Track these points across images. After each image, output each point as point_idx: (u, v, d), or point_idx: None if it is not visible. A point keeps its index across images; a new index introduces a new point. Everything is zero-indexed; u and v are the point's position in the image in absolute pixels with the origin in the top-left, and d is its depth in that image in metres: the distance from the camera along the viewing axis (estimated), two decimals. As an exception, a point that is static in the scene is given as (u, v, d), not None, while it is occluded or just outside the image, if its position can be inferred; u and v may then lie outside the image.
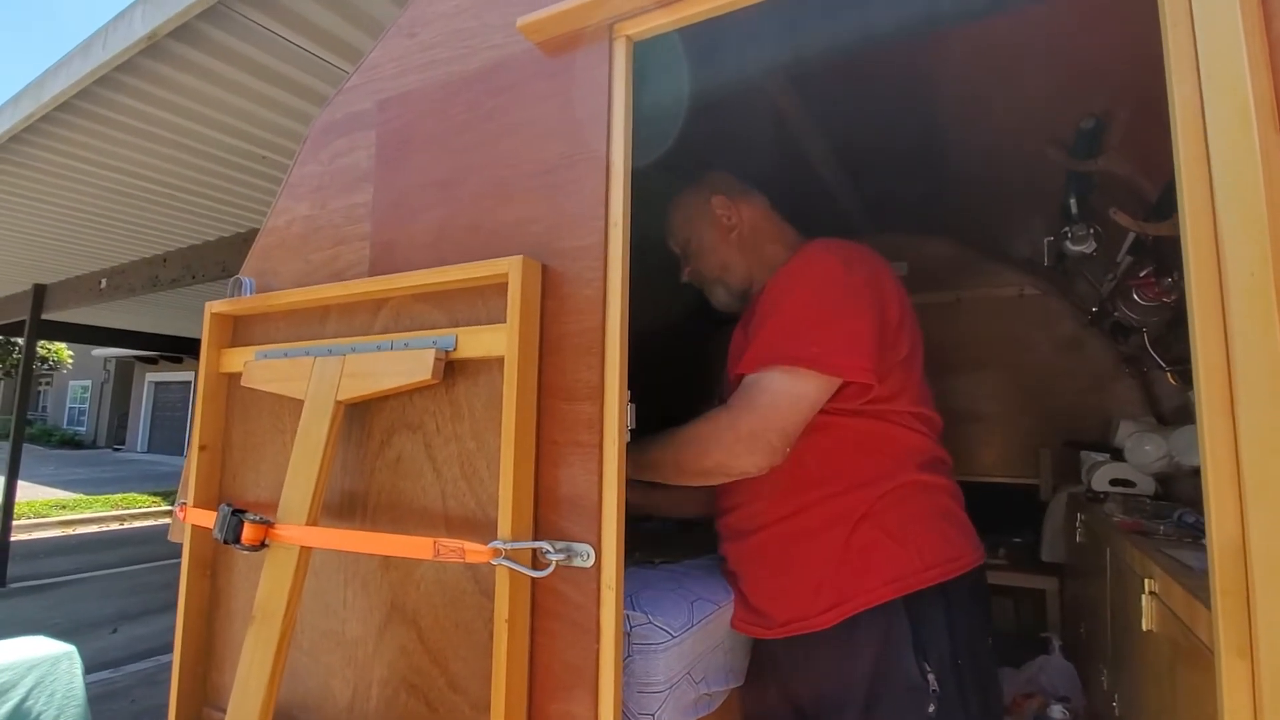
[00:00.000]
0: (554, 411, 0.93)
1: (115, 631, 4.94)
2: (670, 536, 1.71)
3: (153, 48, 2.37)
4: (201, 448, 1.26)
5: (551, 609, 0.89)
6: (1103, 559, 1.52)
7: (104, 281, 5.72)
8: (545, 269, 0.95)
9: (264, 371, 1.17)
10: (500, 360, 0.93)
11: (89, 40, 2.65)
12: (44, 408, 24.75)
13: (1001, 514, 2.73)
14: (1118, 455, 2.09)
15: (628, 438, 0.91)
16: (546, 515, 0.91)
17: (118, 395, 20.94)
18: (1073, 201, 1.70)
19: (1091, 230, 1.68)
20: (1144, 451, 1.86)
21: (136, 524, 9.29)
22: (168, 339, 9.09)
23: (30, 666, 0.78)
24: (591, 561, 0.87)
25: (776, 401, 1.07)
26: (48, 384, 24.71)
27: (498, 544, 0.87)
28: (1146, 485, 1.89)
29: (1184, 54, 0.61)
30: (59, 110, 2.97)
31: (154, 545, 7.83)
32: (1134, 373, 2.43)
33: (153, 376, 19.64)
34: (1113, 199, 1.54)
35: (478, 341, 0.97)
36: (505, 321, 0.92)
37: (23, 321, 6.43)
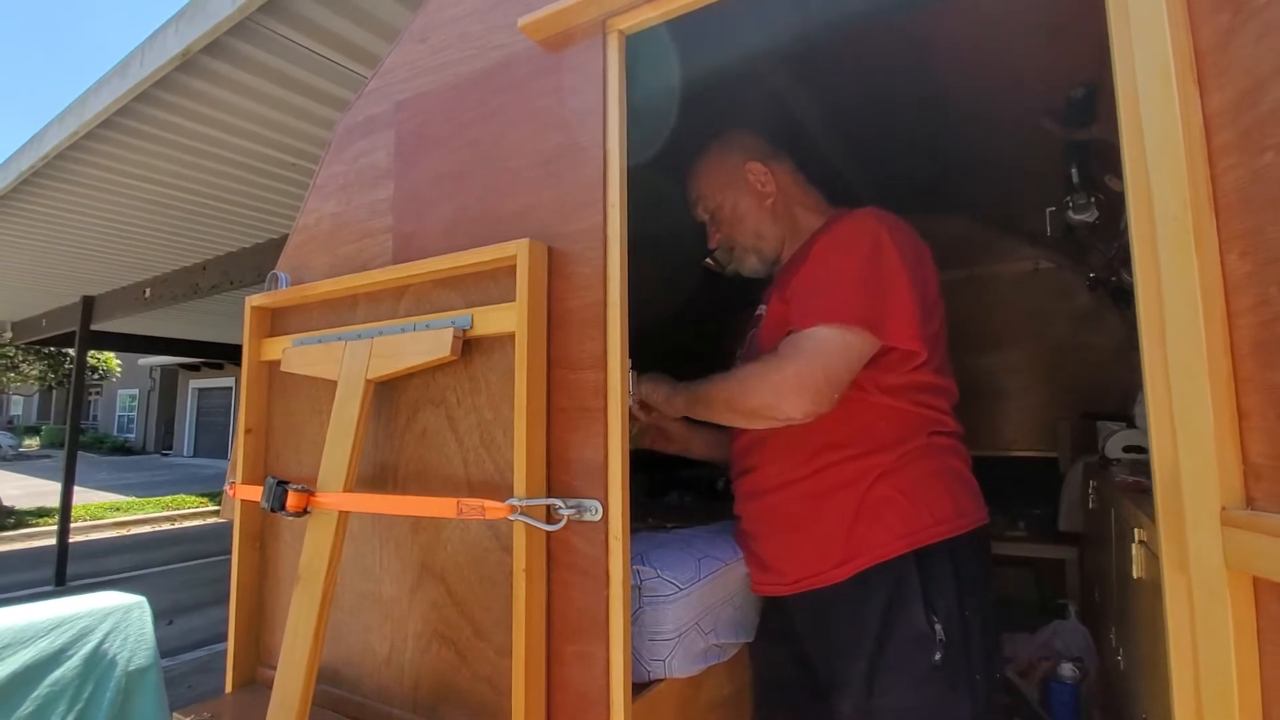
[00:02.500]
0: (562, 381, 1.01)
1: (170, 623, 5.20)
2: (687, 508, 1.79)
3: (187, 64, 2.51)
4: (247, 431, 1.37)
5: (565, 560, 0.98)
6: (1109, 520, 1.55)
7: (148, 291, 5.98)
8: (551, 250, 1.03)
9: (300, 357, 1.27)
10: (512, 336, 1.01)
11: (127, 59, 2.82)
12: (95, 416, 25.77)
13: (1022, 487, 2.74)
14: (1133, 424, 2.10)
15: (630, 403, 0.99)
16: (558, 475, 0.99)
17: (164, 402, 21.72)
18: (1073, 171, 1.72)
19: (1092, 199, 1.71)
20: (1155, 417, 1.87)
21: (187, 524, 9.69)
22: (209, 345, 9.43)
23: (106, 614, 0.89)
24: (599, 516, 0.95)
25: (823, 348, 1.09)
26: (98, 393, 25.70)
27: (514, 501, 0.95)
28: (1159, 450, 1.91)
29: (1120, 14, 0.67)
30: (101, 127, 3.14)
31: (204, 543, 8.17)
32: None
33: (196, 383, 20.32)
34: (1110, 166, 1.57)
35: (491, 319, 1.05)
36: (515, 300, 1.01)
37: (73, 332, 6.74)
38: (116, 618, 0.90)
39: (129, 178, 3.66)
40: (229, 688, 1.32)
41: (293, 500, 1.11)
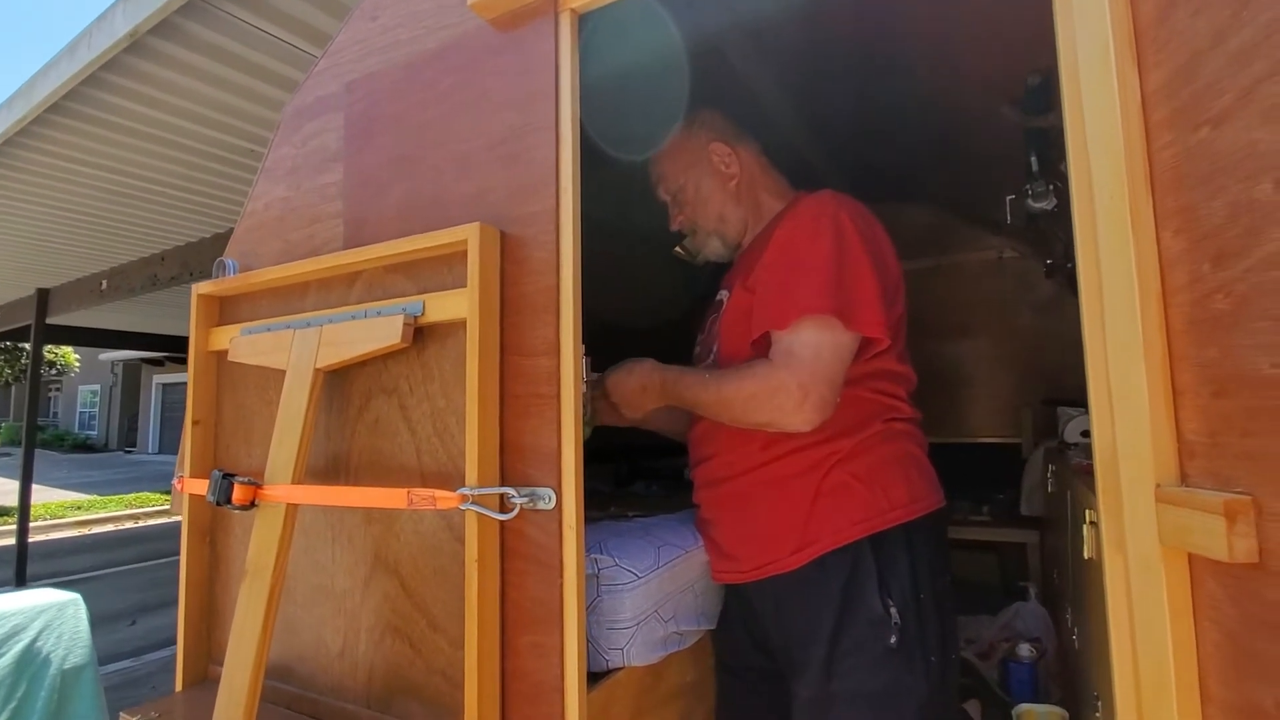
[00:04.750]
0: (515, 367, 0.99)
1: (134, 623, 5.08)
2: (653, 497, 1.78)
3: (135, 45, 2.42)
4: (195, 422, 1.33)
5: (519, 550, 0.96)
6: (1066, 502, 1.58)
7: (104, 282, 5.79)
8: (503, 235, 1.01)
9: (248, 346, 1.23)
10: (465, 322, 0.99)
11: (75, 41, 2.71)
12: (55, 414, 25.03)
13: (986, 473, 2.79)
14: (1092, 409, 2.15)
15: (584, 389, 0.97)
16: (512, 463, 0.98)
17: (126, 398, 21.16)
18: (1033, 159, 1.74)
19: (1051, 187, 1.73)
20: (1111, 401, 1.91)
21: (150, 522, 9.46)
22: (171, 340, 9.18)
23: (39, 611, 0.85)
24: (553, 504, 0.93)
25: (821, 354, 1.07)
26: (57, 389, 24.96)
27: (465, 490, 0.93)
28: (1115, 435, 1.95)
29: (1064, -1, 0.66)
30: (49, 112, 3.02)
31: (168, 542, 7.98)
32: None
33: (159, 378, 19.83)
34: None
35: (443, 306, 1.03)
36: (467, 286, 0.98)
37: (28, 326, 6.52)
38: (50, 615, 0.86)
39: (81, 165, 3.53)
40: (179, 686, 1.29)
41: (239, 493, 1.08)
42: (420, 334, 1.06)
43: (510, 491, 0.94)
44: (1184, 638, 0.52)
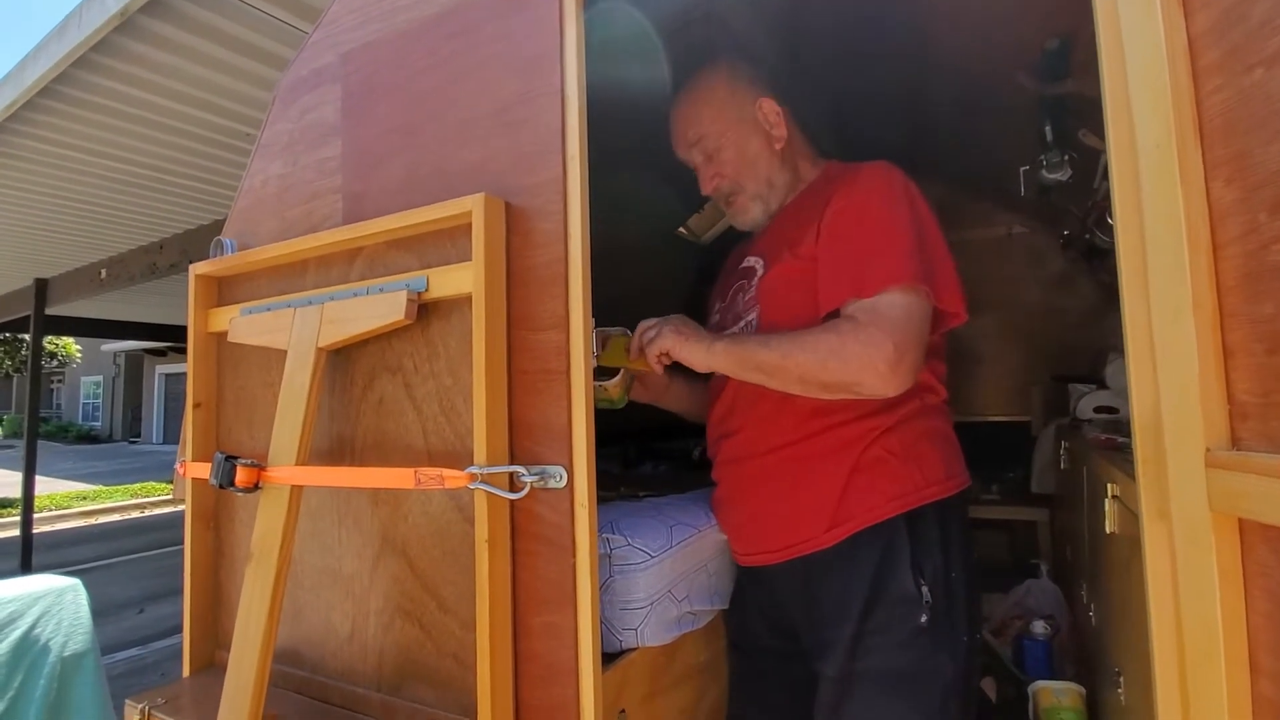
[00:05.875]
0: (523, 342, 0.96)
1: (142, 612, 5.11)
2: (662, 478, 1.76)
3: (126, 24, 2.37)
4: (196, 405, 1.30)
5: (530, 530, 0.94)
6: (1081, 479, 1.56)
7: (104, 272, 5.76)
8: (508, 206, 0.98)
9: (248, 326, 1.20)
10: (470, 297, 0.96)
11: (64, 22, 2.65)
12: (58, 405, 25.08)
13: (995, 451, 2.77)
14: (1105, 386, 2.12)
15: (594, 363, 0.95)
16: (521, 441, 0.95)
17: (129, 389, 21.19)
18: (1047, 128, 1.70)
19: (1066, 157, 1.69)
20: (1125, 377, 1.88)
21: (156, 511, 9.50)
22: (173, 329, 9.16)
23: (37, 598, 0.83)
24: (564, 482, 0.91)
25: (913, 318, 1.01)
26: (60, 381, 25.00)
27: (474, 469, 0.91)
28: (1129, 410, 1.92)
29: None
30: (40, 96, 2.97)
31: (174, 531, 8.00)
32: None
33: (162, 369, 19.84)
34: (1084, 121, 1.54)
35: (448, 281, 1.00)
36: (472, 260, 0.95)
37: (28, 317, 6.49)
38: (49, 601, 0.84)
39: (75, 150, 3.48)
40: (186, 672, 1.28)
41: (242, 475, 1.06)
42: (424, 310, 1.04)
43: (520, 470, 0.92)
44: (1233, 608, 0.50)
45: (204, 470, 1.17)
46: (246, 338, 1.20)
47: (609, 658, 1.05)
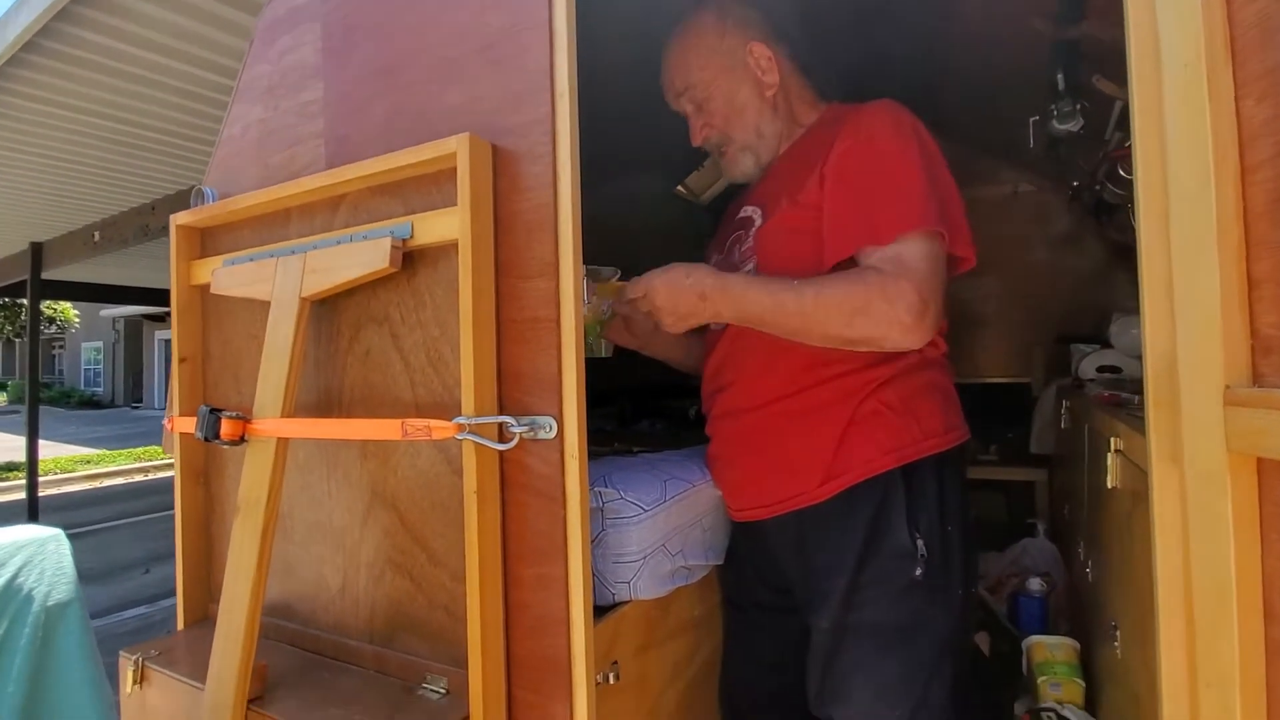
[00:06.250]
0: (512, 290, 0.93)
1: (148, 572, 5.18)
2: (658, 435, 1.74)
3: (105, -29, 2.27)
4: (182, 360, 1.28)
5: (519, 481, 0.92)
6: (1082, 437, 1.54)
7: (97, 234, 5.69)
8: (495, 148, 0.93)
9: (230, 277, 1.17)
10: (457, 244, 0.92)
11: (44, -28, 2.55)
12: (60, 371, 25.16)
13: (994, 412, 2.75)
14: (1108, 346, 2.09)
15: (584, 311, 0.91)
16: (510, 392, 0.93)
17: (130, 354, 21.21)
18: (1060, 76, 1.63)
19: (1078, 106, 1.62)
20: (1130, 335, 1.86)
21: (160, 475, 9.57)
22: (169, 295, 9.08)
23: (19, 548, 0.82)
24: (554, 433, 0.89)
25: (936, 268, 0.98)
26: (60, 347, 25.03)
27: (461, 420, 0.88)
28: (1133, 369, 1.89)
29: None
30: (24, 51, 2.88)
31: (178, 493, 8.09)
32: (1127, 262, 2.40)
33: (161, 334, 19.83)
34: (1098, 67, 1.48)
35: (434, 227, 0.96)
36: (458, 205, 0.91)
37: (24, 281, 6.45)
38: (30, 551, 0.83)
39: (62, 108, 3.39)
40: (180, 625, 1.28)
41: (227, 428, 1.03)
42: (410, 259, 1.00)
43: (509, 420, 0.89)
44: (1248, 552, 0.48)
45: (191, 425, 1.15)
46: (229, 289, 1.16)
47: (602, 610, 1.04)
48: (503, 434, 0.90)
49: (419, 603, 1.01)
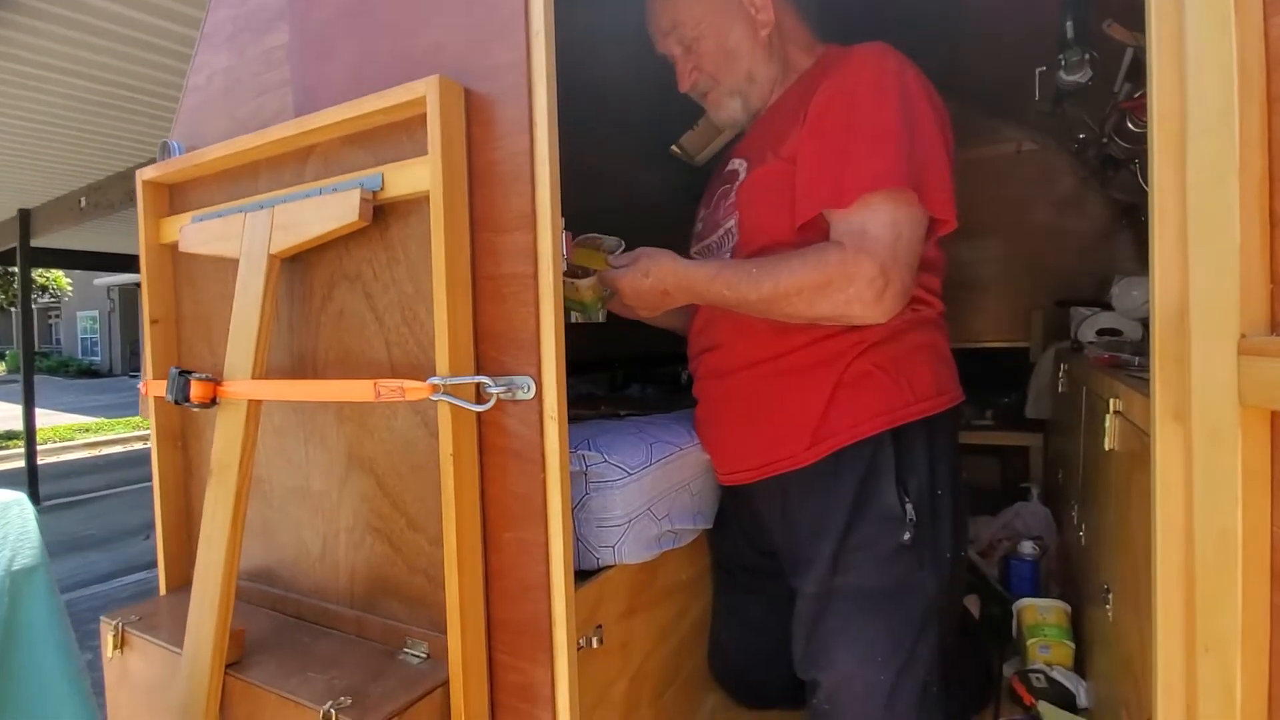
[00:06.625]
0: (487, 245, 0.88)
1: (148, 538, 5.21)
2: (648, 399, 1.71)
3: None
4: (153, 322, 1.24)
5: (498, 444, 0.89)
6: (1079, 400, 1.51)
7: (83, 200, 5.59)
8: (468, 92, 0.88)
9: (198, 235, 1.12)
10: (429, 196, 0.87)
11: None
12: (57, 340, 25.07)
13: (991, 377, 2.72)
14: (1109, 309, 2.05)
15: (564, 267, 0.87)
16: (487, 351, 0.89)
17: (126, 323, 21.10)
18: (1068, 24, 1.56)
19: (1087, 56, 1.55)
20: (1131, 297, 1.81)
21: (159, 443, 9.58)
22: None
23: (-23, 513, 0.80)
24: (532, 394, 0.85)
25: (901, 234, 0.92)
26: (57, 316, 24.90)
27: (436, 380, 0.85)
28: (1134, 332, 1.86)
29: None
30: (2, 9, 2.77)
31: (177, 461, 8.10)
32: (1130, 223, 2.34)
33: (158, 303, 19.63)
34: (1110, 11, 1.41)
35: (405, 178, 0.91)
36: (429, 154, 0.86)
37: (14, 249, 6.36)
38: (-10, 517, 0.80)
39: (43, 69, 3.28)
40: (162, 590, 1.26)
41: (197, 390, 1.00)
42: (382, 213, 0.95)
43: (486, 381, 0.86)
44: (1258, 511, 0.45)
45: (163, 388, 1.11)
46: (197, 247, 1.12)
47: (587, 575, 1.02)
48: (479, 395, 0.87)
49: (399, 567, 0.99)
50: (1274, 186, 0.44)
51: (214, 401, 1.01)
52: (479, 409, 0.86)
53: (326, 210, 0.95)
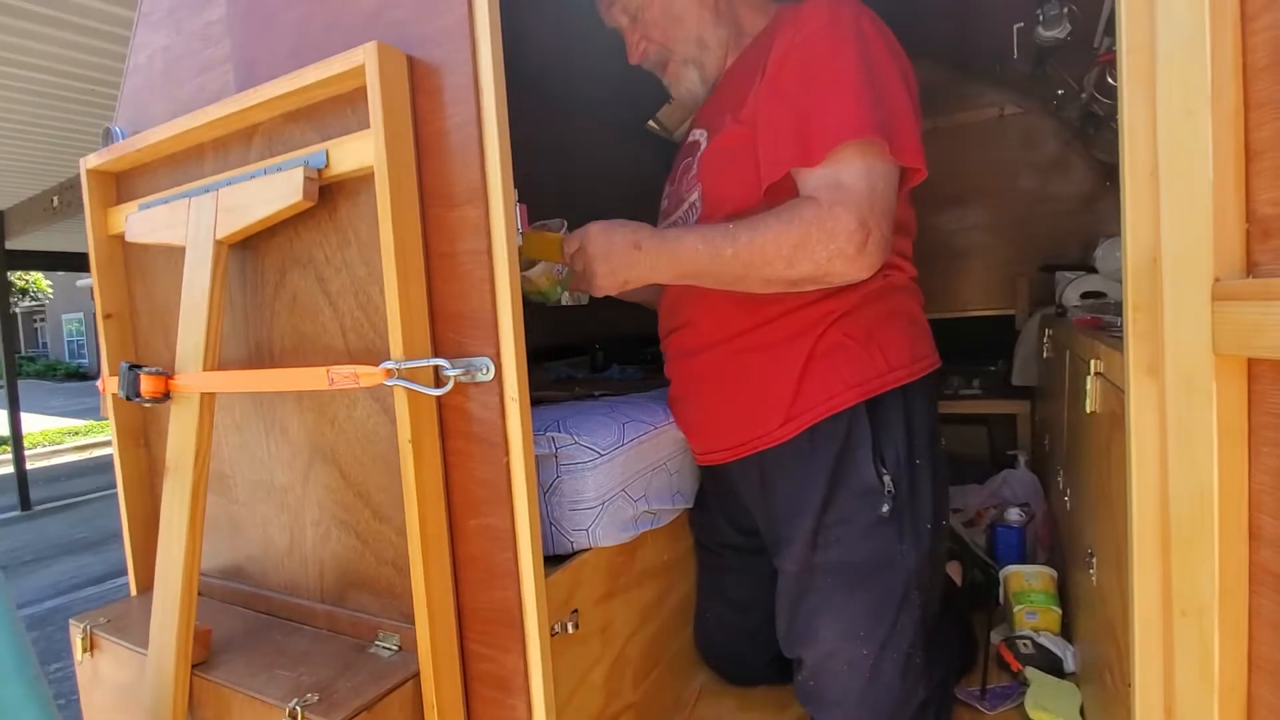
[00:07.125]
0: (439, 221, 0.84)
1: (140, 539, 5.17)
2: (628, 380, 1.68)
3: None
4: (107, 316, 1.19)
5: (460, 428, 0.86)
6: (1063, 365, 1.49)
7: (56, 199, 5.48)
8: (411, 60, 0.83)
9: (144, 223, 1.07)
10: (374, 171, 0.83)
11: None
12: (44, 343, 24.80)
13: (977, 346, 2.71)
14: (1094, 272, 2.02)
15: (518, 241, 0.83)
16: (444, 332, 0.85)
17: (112, 324, 20.85)
18: (1046, -24, 1.52)
19: (1065, 9, 1.51)
20: (1114, 258, 1.79)
21: (150, 443, 9.51)
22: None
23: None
24: (492, 375, 0.82)
25: (876, 185, 0.88)
26: (42, 320, 24.61)
27: (390, 365, 0.81)
28: (1118, 293, 1.83)
29: None
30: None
31: (168, 461, 8.04)
32: (1115, 185, 2.31)
33: (142, 302, 19.44)
34: (1087, -38, 1.37)
35: (350, 154, 0.87)
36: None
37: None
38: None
39: (10, 64, 3.18)
40: (132, 591, 1.23)
41: (147, 385, 0.96)
42: (329, 192, 0.91)
43: (443, 364, 0.82)
44: (1234, 466, 0.42)
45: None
46: (143, 236, 1.07)
47: (562, 559, 1.00)
48: (437, 378, 0.84)
49: (367, 559, 0.96)
50: (1250, 116, 0.41)
51: (166, 396, 0.98)
52: (436, 393, 0.83)
53: (271, 191, 0.91)
